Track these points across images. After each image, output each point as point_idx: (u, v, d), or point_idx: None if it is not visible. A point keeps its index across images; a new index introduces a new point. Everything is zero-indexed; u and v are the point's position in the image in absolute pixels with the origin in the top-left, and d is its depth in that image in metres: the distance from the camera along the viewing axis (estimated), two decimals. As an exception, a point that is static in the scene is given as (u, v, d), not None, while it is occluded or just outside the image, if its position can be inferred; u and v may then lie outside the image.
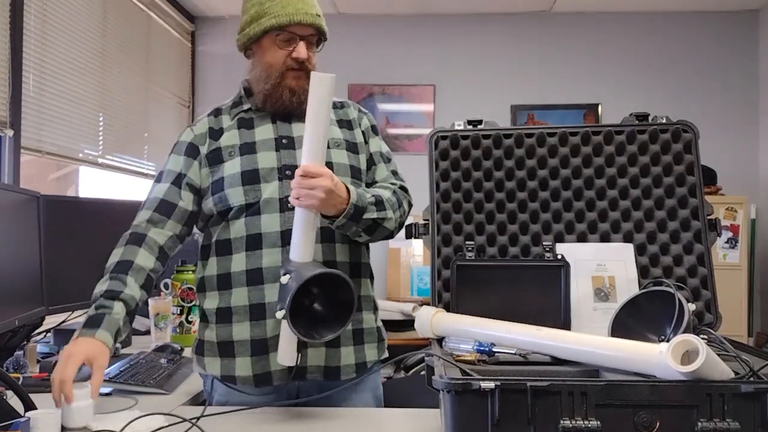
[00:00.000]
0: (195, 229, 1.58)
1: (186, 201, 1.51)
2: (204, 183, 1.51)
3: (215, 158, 1.51)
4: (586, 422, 0.95)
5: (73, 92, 3.19)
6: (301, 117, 1.50)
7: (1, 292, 1.68)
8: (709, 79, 4.55)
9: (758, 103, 4.52)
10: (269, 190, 1.45)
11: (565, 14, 4.63)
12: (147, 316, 2.40)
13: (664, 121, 1.53)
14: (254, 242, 1.45)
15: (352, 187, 1.38)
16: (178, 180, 1.52)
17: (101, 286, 1.40)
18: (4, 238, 1.73)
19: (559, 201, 1.53)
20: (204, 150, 1.52)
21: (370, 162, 1.58)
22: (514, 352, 1.20)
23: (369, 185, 1.55)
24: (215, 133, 1.54)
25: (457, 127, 1.56)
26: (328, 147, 1.50)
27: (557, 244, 1.49)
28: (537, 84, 4.62)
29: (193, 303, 2.27)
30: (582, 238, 1.50)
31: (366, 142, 1.59)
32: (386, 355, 1.59)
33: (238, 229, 1.46)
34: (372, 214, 1.40)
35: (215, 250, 1.50)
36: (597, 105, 4.58)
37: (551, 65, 4.62)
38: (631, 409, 0.96)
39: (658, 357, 1.01)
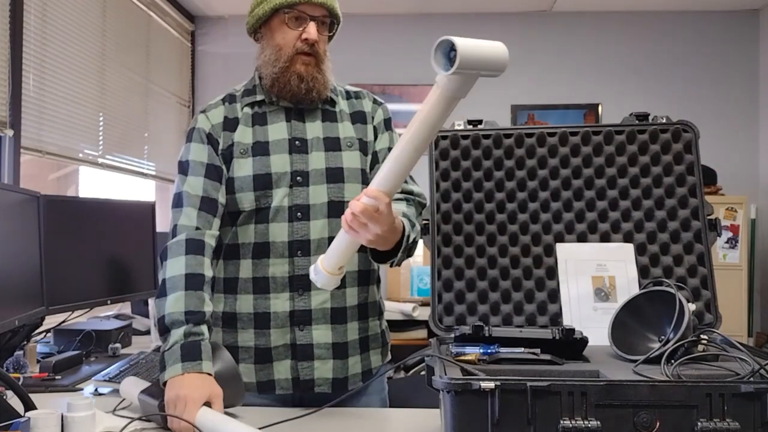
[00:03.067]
0: None
1: (222, 197, 1.45)
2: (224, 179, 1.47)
3: (229, 155, 1.46)
4: (586, 422, 0.95)
5: (73, 92, 3.19)
6: (312, 111, 1.49)
7: (1, 292, 1.68)
8: (709, 79, 4.55)
9: (758, 103, 4.52)
10: (279, 196, 1.43)
11: (565, 14, 4.63)
12: (147, 316, 2.41)
13: (664, 121, 1.53)
14: (262, 250, 1.44)
15: (404, 219, 1.34)
16: (213, 173, 1.44)
17: (178, 304, 1.31)
18: (4, 238, 1.73)
19: (559, 201, 1.52)
20: (221, 145, 1.46)
21: (374, 160, 1.52)
22: (521, 350, 1.20)
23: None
24: (230, 124, 1.47)
25: (457, 127, 1.56)
26: (340, 148, 1.47)
27: (557, 244, 1.49)
28: (537, 84, 4.61)
29: (193, 303, 2.27)
30: (582, 238, 1.50)
31: (375, 138, 1.53)
32: (389, 357, 1.59)
33: (247, 234, 1.45)
34: (413, 236, 1.38)
35: (224, 254, 1.48)
36: (597, 105, 4.58)
37: (551, 65, 4.62)
38: (631, 409, 0.96)
39: None
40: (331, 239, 1.39)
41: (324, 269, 1.26)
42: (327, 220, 1.43)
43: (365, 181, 1.48)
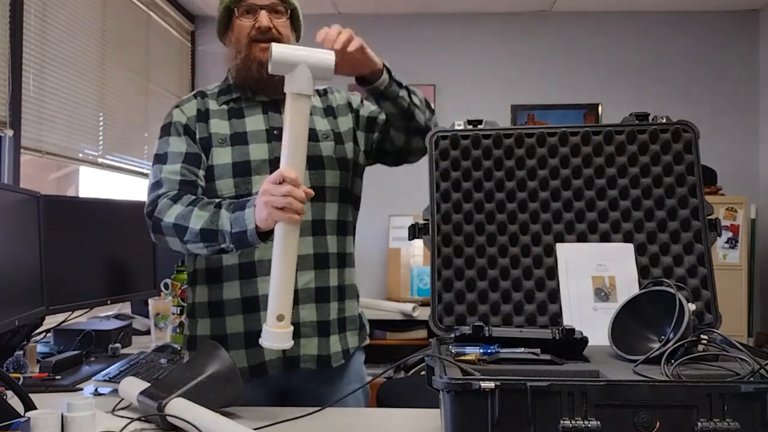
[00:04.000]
0: None
1: (202, 180, 1.50)
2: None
3: (207, 145, 1.51)
4: (585, 422, 0.95)
5: (73, 92, 3.19)
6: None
7: (1, 292, 1.68)
8: (709, 79, 4.55)
9: (758, 103, 4.52)
10: (259, 183, 1.42)
11: (565, 14, 4.63)
12: (147, 316, 2.41)
13: (664, 121, 1.53)
14: None
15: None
16: (192, 159, 1.49)
17: (202, 213, 1.36)
18: (4, 238, 1.73)
19: (559, 201, 1.52)
20: (198, 135, 1.52)
21: (369, 124, 1.65)
22: (521, 350, 1.20)
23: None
24: (202, 116, 1.54)
25: (457, 127, 1.56)
26: (317, 139, 1.55)
27: (557, 244, 1.49)
28: (537, 84, 4.61)
29: (193, 303, 2.27)
30: (582, 238, 1.50)
31: (358, 112, 1.66)
32: (367, 342, 1.66)
33: None
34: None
35: None
36: (597, 105, 4.58)
37: (551, 65, 4.62)
38: (631, 409, 0.96)
39: None
40: (314, 222, 1.50)
41: (266, 327, 1.29)
42: (309, 203, 1.44)
43: (343, 168, 1.58)
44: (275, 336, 1.28)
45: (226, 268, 1.49)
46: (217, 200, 1.42)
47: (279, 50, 1.28)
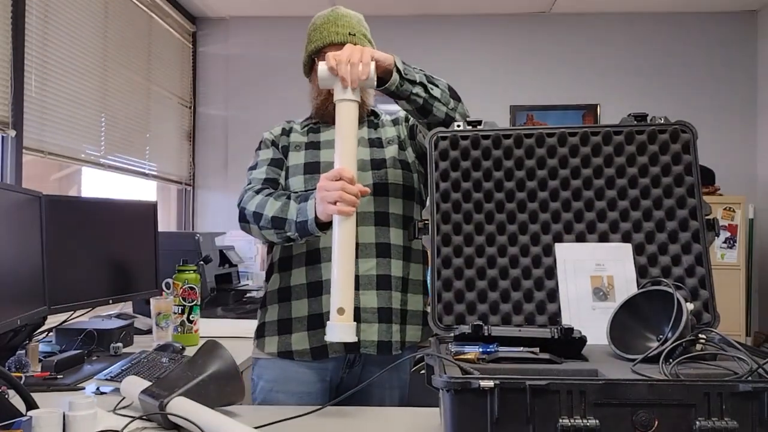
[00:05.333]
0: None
1: (282, 180, 1.68)
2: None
3: (285, 152, 1.72)
4: (584, 421, 0.96)
5: (75, 93, 3.20)
6: (359, 123, 1.69)
7: (3, 292, 1.69)
8: (708, 80, 4.56)
9: (756, 104, 4.53)
10: None
11: (563, 15, 4.64)
12: (149, 315, 2.42)
13: (662, 121, 1.53)
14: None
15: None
16: (275, 162, 1.69)
17: (276, 203, 1.52)
18: (7, 237, 1.74)
19: (558, 201, 1.53)
20: (280, 145, 1.73)
21: (412, 131, 1.75)
22: (520, 349, 1.21)
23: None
24: (286, 132, 1.76)
25: (456, 128, 1.57)
26: (382, 145, 1.72)
27: (556, 243, 1.50)
28: (536, 84, 4.62)
29: (194, 303, 2.28)
30: (581, 238, 1.51)
31: (408, 122, 1.78)
32: (429, 341, 1.69)
33: None
34: (420, 76, 1.54)
35: None
36: (596, 105, 4.59)
37: (550, 66, 4.63)
38: (630, 408, 0.97)
39: None
40: (377, 213, 1.63)
41: (329, 322, 1.35)
42: (372, 197, 1.62)
43: (405, 168, 1.71)
44: (335, 329, 1.34)
45: (295, 257, 1.63)
46: (290, 193, 1.58)
47: (322, 68, 1.45)
